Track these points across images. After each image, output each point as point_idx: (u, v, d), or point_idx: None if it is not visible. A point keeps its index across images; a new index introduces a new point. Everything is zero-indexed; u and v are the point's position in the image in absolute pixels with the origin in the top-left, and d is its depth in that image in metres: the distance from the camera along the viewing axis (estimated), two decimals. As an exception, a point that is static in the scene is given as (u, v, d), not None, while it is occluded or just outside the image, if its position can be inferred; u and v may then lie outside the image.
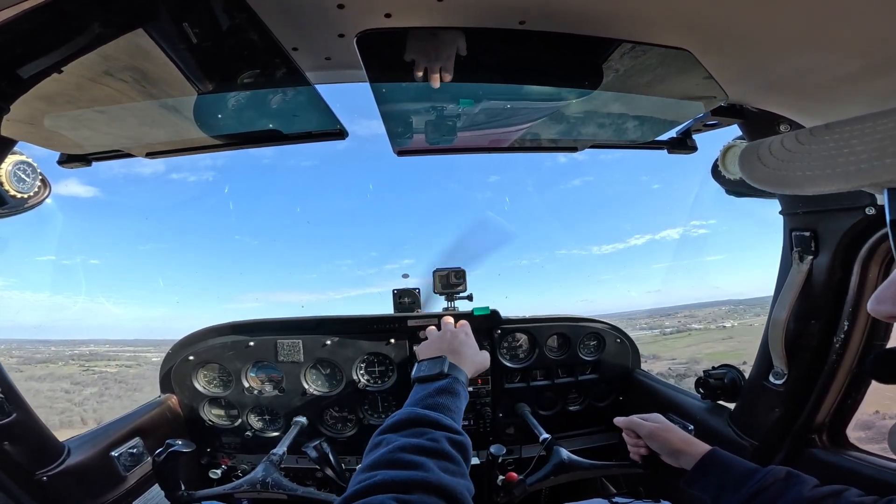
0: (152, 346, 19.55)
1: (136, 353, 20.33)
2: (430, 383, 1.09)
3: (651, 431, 1.39)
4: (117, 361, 19.97)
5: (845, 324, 1.39)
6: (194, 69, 0.92)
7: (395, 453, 0.81)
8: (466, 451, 0.90)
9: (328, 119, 1.23)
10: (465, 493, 0.77)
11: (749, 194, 1.66)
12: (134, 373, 19.14)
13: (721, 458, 1.23)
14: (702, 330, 15.57)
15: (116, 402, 17.34)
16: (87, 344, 21.28)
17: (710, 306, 16.71)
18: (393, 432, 0.90)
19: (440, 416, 0.94)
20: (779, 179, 0.48)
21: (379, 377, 2.42)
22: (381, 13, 0.87)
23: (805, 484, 1.04)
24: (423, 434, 0.88)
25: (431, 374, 1.11)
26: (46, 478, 1.55)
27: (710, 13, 0.83)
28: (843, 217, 1.32)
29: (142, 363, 19.51)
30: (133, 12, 0.76)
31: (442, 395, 1.03)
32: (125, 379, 18.88)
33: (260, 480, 1.72)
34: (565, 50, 0.97)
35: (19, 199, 1.49)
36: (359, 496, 0.69)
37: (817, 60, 0.93)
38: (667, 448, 1.34)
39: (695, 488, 1.23)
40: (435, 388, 1.05)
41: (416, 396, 1.05)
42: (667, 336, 15.18)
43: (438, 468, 0.79)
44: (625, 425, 1.49)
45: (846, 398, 1.47)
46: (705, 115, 1.35)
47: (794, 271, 1.45)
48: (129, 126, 1.17)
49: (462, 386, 1.11)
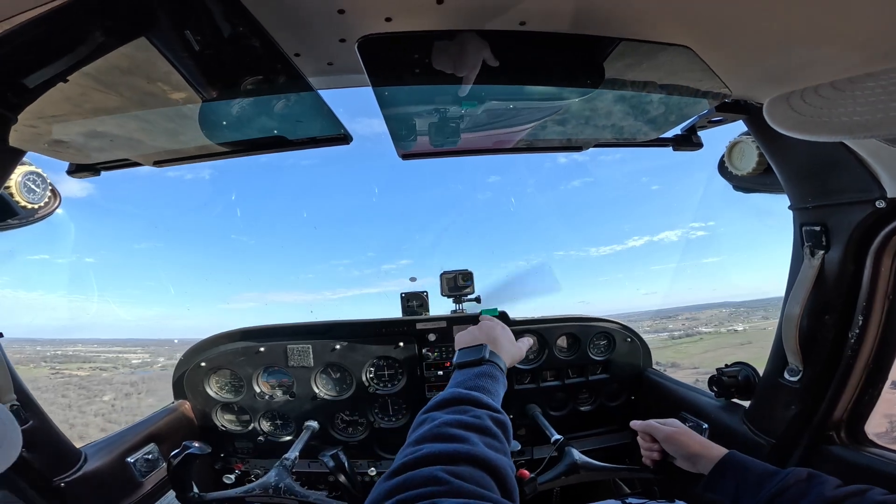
0: (139, 347, 18.67)
1: (119, 355, 18.82)
2: (470, 368, 1.10)
3: (668, 435, 1.38)
4: (92, 364, 18.25)
5: (860, 318, 1.36)
6: (197, 77, 0.93)
7: (440, 428, 0.82)
8: (507, 430, 0.91)
9: (332, 124, 1.24)
10: (507, 468, 0.77)
11: (757, 189, 1.64)
12: (105, 377, 17.66)
13: (739, 461, 1.21)
14: (713, 334, 15.08)
15: (60, 414, 15.79)
16: (75, 344, 19.82)
17: (708, 308, 16.30)
18: (437, 409, 0.92)
19: (481, 395, 0.96)
20: (819, 126, 0.46)
21: (388, 380, 2.42)
22: (381, 17, 0.87)
23: (827, 484, 1.01)
24: (466, 411, 0.89)
25: (471, 360, 1.13)
26: (64, 484, 1.58)
27: (710, 8, 0.82)
28: (854, 210, 1.29)
29: (119, 366, 18.28)
30: (135, 21, 0.76)
31: (482, 379, 1.05)
32: (89, 385, 17.11)
33: (273, 485, 1.73)
34: (566, 50, 0.97)
35: (29, 209, 1.51)
36: (407, 469, 0.70)
37: (819, 53, 0.92)
38: (684, 452, 1.32)
39: (713, 492, 1.21)
40: (475, 373, 1.07)
41: (457, 380, 1.07)
42: (677, 340, 14.75)
43: (483, 443, 0.80)
44: (641, 429, 1.48)
45: (863, 394, 1.44)
46: (710, 112, 1.34)
47: (805, 266, 1.43)
48: (135, 134, 1.18)
49: (501, 372, 1.12)
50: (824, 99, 0.46)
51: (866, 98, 0.43)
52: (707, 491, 1.23)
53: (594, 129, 1.39)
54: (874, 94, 0.43)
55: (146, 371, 17.15)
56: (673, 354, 13.32)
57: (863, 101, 0.43)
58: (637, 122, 1.35)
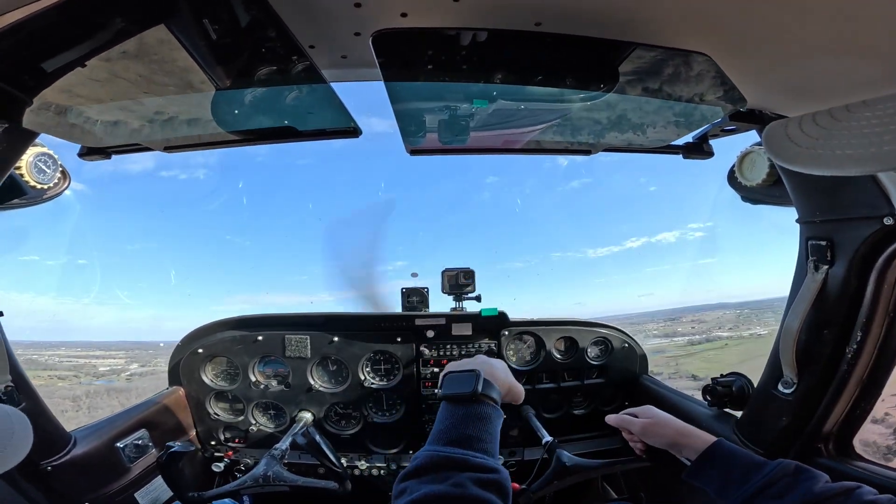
0: (123, 350, 16.81)
1: (90, 360, 16.41)
2: (458, 406, 0.96)
3: (643, 427, 1.36)
4: (52, 372, 15.50)
5: (858, 334, 1.36)
6: (213, 65, 0.93)
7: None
8: (501, 488, 0.80)
9: (342, 117, 1.24)
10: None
11: (765, 201, 1.63)
12: (61, 386, 14.96)
13: (727, 450, 1.20)
14: (735, 339, 13.64)
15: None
16: (58, 347, 17.50)
17: (708, 310, 15.43)
18: (415, 478, 0.82)
19: (466, 454, 0.84)
20: (813, 158, 0.45)
21: (385, 375, 2.42)
22: (397, 12, 0.87)
23: (816, 479, 1.01)
24: (445, 479, 0.78)
25: (461, 394, 0.96)
26: (51, 468, 1.58)
27: (730, 16, 0.82)
28: (861, 226, 1.29)
29: (82, 373, 15.82)
30: (154, 8, 0.77)
31: (470, 425, 0.91)
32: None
33: (262, 475, 1.74)
34: (581, 52, 0.96)
35: (38, 189, 1.52)
36: None
37: (839, 65, 0.92)
38: (663, 442, 1.32)
39: (698, 480, 1.19)
40: (462, 416, 0.93)
41: (441, 426, 0.93)
42: (698, 346, 13.15)
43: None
44: (616, 423, 1.47)
45: (855, 408, 1.45)
46: (723, 121, 1.33)
47: (808, 280, 1.43)
48: (148, 120, 1.19)
49: (494, 408, 0.97)
50: (821, 129, 0.45)
51: (861, 129, 0.42)
52: (691, 479, 1.21)
53: (604, 133, 1.39)
54: (869, 125, 0.42)
55: (109, 381, 15.40)
56: (704, 365, 11.60)
57: (858, 132, 0.43)
58: (649, 128, 1.35)
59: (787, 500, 0.98)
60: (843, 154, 0.42)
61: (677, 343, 12.80)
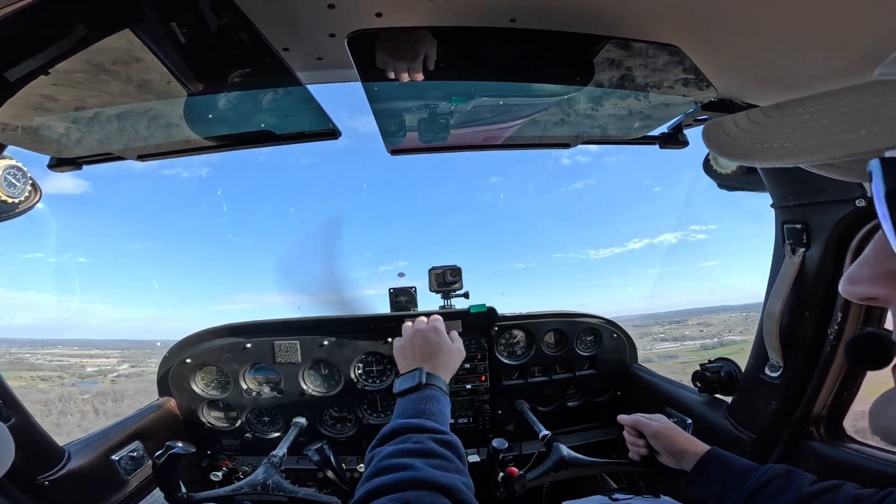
0: (118, 350, 16.36)
1: (80, 360, 15.79)
2: (409, 395, 1.16)
3: (657, 431, 1.40)
4: (34, 373, 14.72)
5: (839, 315, 1.40)
6: (184, 70, 0.91)
7: (382, 461, 0.85)
8: (455, 448, 0.94)
9: (320, 119, 1.23)
10: (460, 486, 0.79)
11: (740, 188, 1.67)
12: (42, 388, 13.82)
13: (722, 457, 1.24)
14: (749, 342, 12.55)
15: None
16: (55, 345, 16.90)
17: (713, 312, 14.80)
18: (381, 445, 0.95)
19: (422, 421, 0.99)
20: (746, 151, 0.47)
21: (377, 376, 2.41)
22: (371, 13, 0.86)
23: (804, 480, 1.06)
24: (408, 440, 0.92)
25: (410, 387, 1.17)
26: (48, 482, 1.55)
27: (699, 9, 0.83)
28: (834, 209, 1.33)
29: (67, 374, 14.99)
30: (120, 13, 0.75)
31: (422, 403, 1.09)
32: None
33: (260, 482, 1.72)
34: (556, 47, 0.97)
35: (10, 203, 1.48)
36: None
37: (807, 55, 0.94)
38: (671, 448, 1.34)
39: (696, 489, 1.23)
40: (415, 399, 1.12)
41: (399, 410, 1.12)
42: (711, 351, 11.08)
43: (428, 465, 0.82)
44: (629, 424, 1.49)
45: (842, 390, 1.47)
46: (696, 111, 1.35)
47: (786, 264, 1.46)
48: (119, 128, 1.16)
49: (441, 391, 1.17)
50: (755, 125, 0.48)
51: (793, 124, 0.45)
52: (691, 487, 1.25)
53: (582, 125, 1.40)
54: (801, 121, 0.44)
55: (92, 382, 14.77)
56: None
57: (790, 126, 0.45)
58: (624, 119, 1.37)
59: (784, 499, 1.03)
60: (780, 147, 0.44)
61: (689, 347, 12.55)
